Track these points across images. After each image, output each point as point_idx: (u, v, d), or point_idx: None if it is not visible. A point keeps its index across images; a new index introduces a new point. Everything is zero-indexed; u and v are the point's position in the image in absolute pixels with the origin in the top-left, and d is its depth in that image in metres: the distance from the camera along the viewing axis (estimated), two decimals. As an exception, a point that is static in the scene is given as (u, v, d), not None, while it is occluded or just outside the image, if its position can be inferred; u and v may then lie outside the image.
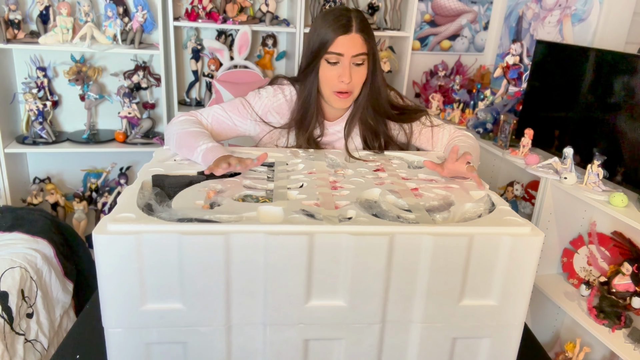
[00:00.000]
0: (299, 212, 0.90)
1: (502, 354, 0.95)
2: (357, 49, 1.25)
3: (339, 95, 1.29)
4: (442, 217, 0.96)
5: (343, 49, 1.24)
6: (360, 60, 1.26)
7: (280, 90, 1.38)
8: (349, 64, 1.25)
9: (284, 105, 1.37)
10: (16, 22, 2.14)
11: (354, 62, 1.26)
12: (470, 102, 2.41)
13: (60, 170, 2.50)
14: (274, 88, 1.38)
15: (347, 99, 1.30)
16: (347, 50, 1.24)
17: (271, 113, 1.36)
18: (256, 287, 0.85)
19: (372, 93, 1.32)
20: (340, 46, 1.24)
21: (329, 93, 1.30)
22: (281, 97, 1.37)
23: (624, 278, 1.61)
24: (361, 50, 1.25)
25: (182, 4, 2.39)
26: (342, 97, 1.29)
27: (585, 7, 2.14)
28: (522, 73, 2.22)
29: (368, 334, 0.90)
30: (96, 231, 0.81)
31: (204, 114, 1.33)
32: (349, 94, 1.29)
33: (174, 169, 1.08)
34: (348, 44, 1.24)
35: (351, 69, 1.26)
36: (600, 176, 1.63)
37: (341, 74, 1.25)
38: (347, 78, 1.25)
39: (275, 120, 1.37)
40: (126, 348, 0.86)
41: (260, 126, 1.37)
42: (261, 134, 1.38)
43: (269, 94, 1.37)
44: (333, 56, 1.25)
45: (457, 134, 1.37)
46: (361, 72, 1.28)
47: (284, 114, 1.37)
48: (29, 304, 1.62)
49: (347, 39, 1.24)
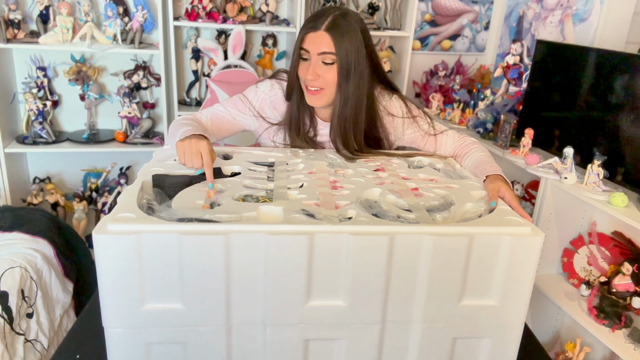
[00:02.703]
0: (299, 212, 0.89)
1: (502, 354, 0.95)
2: (322, 47, 1.23)
3: (309, 92, 1.28)
4: (442, 217, 0.95)
5: (309, 45, 1.24)
6: (329, 59, 1.24)
7: (278, 84, 1.37)
8: (315, 61, 1.24)
9: (281, 99, 1.37)
10: (16, 22, 2.14)
11: (322, 60, 1.24)
12: (471, 102, 2.41)
13: (60, 170, 2.50)
14: (272, 82, 1.38)
15: (317, 95, 1.28)
16: (313, 47, 1.24)
17: (268, 107, 1.36)
18: (256, 287, 0.85)
19: (342, 99, 1.28)
20: (307, 43, 1.24)
21: (303, 88, 1.30)
22: (278, 91, 1.37)
23: (624, 278, 1.61)
24: (327, 50, 1.23)
25: (182, 4, 2.39)
26: (311, 94, 1.28)
27: (586, 7, 2.14)
28: (523, 73, 2.21)
29: (368, 334, 0.90)
30: (96, 231, 0.80)
31: (203, 113, 1.34)
32: (319, 91, 1.27)
33: (174, 169, 1.08)
34: (314, 41, 1.24)
35: (318, 67, 1.25)
36: (601, 176, 1.63)
37: (307, 70, 1.25)
38: (311, 75, 1.24)
39: (272, 115, 1.37)
40: (126, 348, 0.86)
41: (259, 121, 1.37)
42: (260, 129, 1.38)
43: (266, 87, 1.37)
44: (303, 52, 1.26)
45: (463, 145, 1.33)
46: (331, 71, 1.25)
47: (280, 108, 1.37)
48: (29, 304, 1.61)
49: (314, 36, 1.24)
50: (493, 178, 1.11)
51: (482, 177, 1.14)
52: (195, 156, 1.04)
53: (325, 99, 1.29)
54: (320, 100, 1.29)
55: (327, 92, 1.28)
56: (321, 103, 1.30)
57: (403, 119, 1.36)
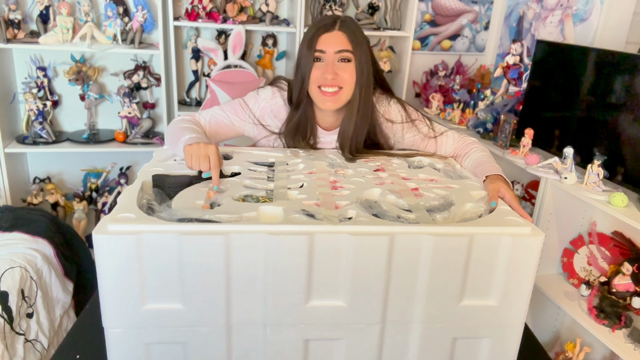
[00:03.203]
0: (299, 212, 0.89)
1: (502, 354, 0.95)
2: (340, 45, 1.24)
3: (325, 94, 1.26)
4: (442, 217, 0.95)
5: (324, 45, 1.24)
6: (346, 57, 1.24)
7: (279, 93, 1.36)
8: (332, 60, 1.24)
9: (282, 108, 1.35)
10: (16, 22, 2.14)
11: (339, 57, 1.24)
12: (471, 102, 2.41)
13: (60, 170, 2.50)
14: (273, 90, 1.36)
15: (334, 97, 1.26)
16: (329, 47, 1.24)
17: (269, 115, 1.35)
18: (256, 287, 0.85)
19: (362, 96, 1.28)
20: (322, 43, 1.24)
21: (316, 92, 1.27)
22: (279, 100, 1.35)
23: (624, 278, 1.61)
24: (345, 47, 1.24)
25: (182, 4, 2.39)
26: (328, 96, 1.26)
27: (586, 7, 2.14)
28: (523, 73, 2.21)
29: (368, 334, 0.90)
30: (96, 231, 0.80)
31: (202, 114, 1.33)
32: (337, 92, 1.26)
33: (174, 169, 1.08)
34: (329, 40, 1.24)
35: (336, 66, 1.24)
36: (601, 176, 1.63)
37: (325, 70, 1.24)
38: (330, 73, 1.23)
39: (272, 124, 1.36)
40: (126, 348, 0.86)
41: (258, 128, 1.36)
42: (258, 135, 1.37)
43: (267, 95, 1.35)
44: (318, 53, 1.25)
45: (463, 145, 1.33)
46: (348, 69, 1.25)
47: (281, 117, 1.35)
48: (29, 303, 1.61)
49: (329, 36, 1.24)
50: (493, 178, 1.11)
51: (482, 177, 1.14)
52: (203, 159, 1.05)
53: (343, 100, 1.28)
54: (337, 101, 1.27)
55: (344, 92, 1.27)
56: (338, 105, 1.28)
57: (402, 124, 1.36)
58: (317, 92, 1.27)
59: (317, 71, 1.26)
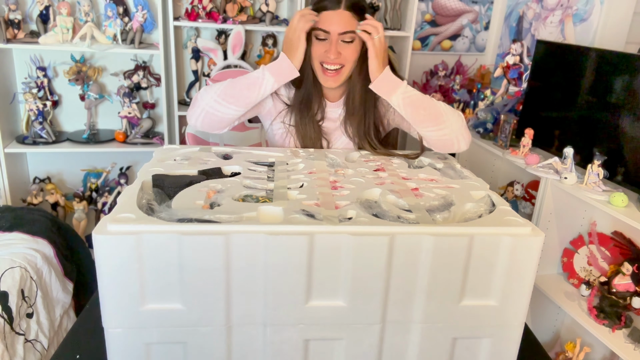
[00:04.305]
0: (299, 212, 0.89)
1: (502, 354, 0.95)
2: (344, 27, 1.23)
3: (326, 73, 1.27)
4: (442, 217, 0.95)
5: (328, 25, 1.23)
6: (349, 38, 1.24)
7: None
8: (335, 40, 1.24)
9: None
10: (16, 22, 2.14)
11: (343, 39, 1.24)
12: (471, 102, 2.41)
13: (60, 170, 2.50)
14: None
15: (336, 76, 1.27)
16: (333, 28, 1.23)
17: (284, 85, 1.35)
18: (256, 287, 0.85)
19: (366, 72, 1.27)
20: (326, 22, 1.23)
21: (318, 68, 1.29)
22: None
23: (624, 278, 1.61)
24: (349, 28, 1.23)
25: (182, 4, 2.39)
26: (329, 75, 1.27)
27: (586, 7, 2.14)
28: (523, 73, 2.21)
29: (368, 334, 0.90)
30: (96, 231, 0.80)
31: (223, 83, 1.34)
32: (338, 71, 1.27)
33: (174, 169, 1.08)
34: (334, 20, 1.23)
35: (339, 46, 1.24)
36: (601, 176, 1.63)
37: (328, 50, 1.24)
38: (333, 54, 1.23)
39: (285, 93, 1.37)
40: (126, 348, 0.86)
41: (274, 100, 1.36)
42: (273, 109, 1.37)
43: None
44: (320, 32, 1.24)
45: None
46: (351, 48, 1.26)
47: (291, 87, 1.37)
48: (29, 304, 1.61)
49: (333, 15, 1.23)
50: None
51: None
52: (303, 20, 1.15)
53: (343, 78, 1.29)
54: (338, 79, 1.29)
55: (345, 70, 1.28)
56: (339, 82, 1.30)
57: None
58: (319, 68, 1.29)
59: (318, 49, 1.26)
